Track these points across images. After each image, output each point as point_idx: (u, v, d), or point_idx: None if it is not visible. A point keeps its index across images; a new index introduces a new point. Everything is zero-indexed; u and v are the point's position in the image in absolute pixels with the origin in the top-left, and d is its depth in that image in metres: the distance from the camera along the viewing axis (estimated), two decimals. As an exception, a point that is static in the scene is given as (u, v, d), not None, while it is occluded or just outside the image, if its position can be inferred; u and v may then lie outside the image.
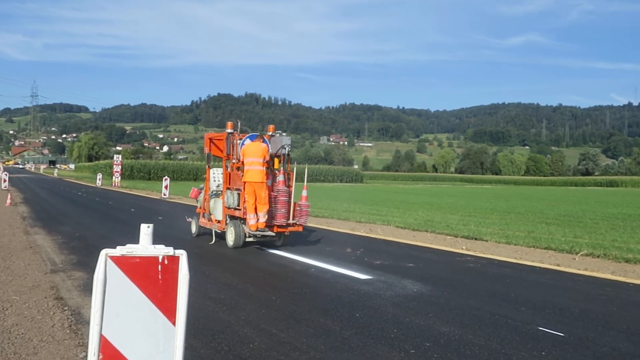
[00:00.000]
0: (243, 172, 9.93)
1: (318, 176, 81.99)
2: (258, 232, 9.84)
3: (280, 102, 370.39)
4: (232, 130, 10.68)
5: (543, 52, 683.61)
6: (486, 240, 11.77)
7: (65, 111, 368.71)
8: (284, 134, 10.15)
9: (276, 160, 10.56)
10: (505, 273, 8.16)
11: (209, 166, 11.98)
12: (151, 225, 2.40)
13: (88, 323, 5.12)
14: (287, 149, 10.64)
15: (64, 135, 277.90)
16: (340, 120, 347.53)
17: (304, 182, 10.71)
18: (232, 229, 10.26)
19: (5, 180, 32.16)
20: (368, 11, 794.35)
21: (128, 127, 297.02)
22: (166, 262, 2.31)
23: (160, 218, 16.32)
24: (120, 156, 48.30)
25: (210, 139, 11.50)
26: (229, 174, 10.75)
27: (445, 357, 4.33)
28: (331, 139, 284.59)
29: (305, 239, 11.84)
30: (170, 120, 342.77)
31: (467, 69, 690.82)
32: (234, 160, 10.59)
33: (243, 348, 4.50)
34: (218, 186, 11.67)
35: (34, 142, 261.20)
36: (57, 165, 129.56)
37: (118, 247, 2.29)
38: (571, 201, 32.55)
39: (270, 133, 10.91)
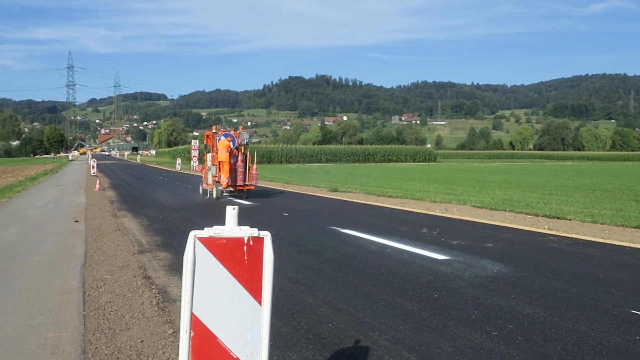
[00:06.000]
0: (217, 155, 16.93)
1: (390, 156, 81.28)
2: (227, 189, 17.29)
3: (350, 83, 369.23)
4: (216, 130, 18.08)
5: (629, 18, 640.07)
6: (570, 220, 11.26)
7: (145, 99, 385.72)
8: (245, 131, 17.83)
9: (242, 147, 17.23)
10: (592, 253, 7.78)
11: (206, 152, 18.69)
12: (236, 207, 2.46)
13: (174, 301, 5.39)
14: (245, 141, 17.32)
15: (144, 123, 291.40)
16: (412, 99, 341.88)
17: (254, 159, 17.45)
18: (215, 188, 17.42)
19: (93, 167, 34.19)
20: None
21: (204, 113, 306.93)
22: (251, 243, 2.37)
23: (236, 201, 16.77)
24: (197, 141, 49.70)
25: (207, 135, 18.81)
26: (213, 156, 17.74)
27: (529, 340, 4.20)
28: (403, 119, 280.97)
29: (380, 219, 11.82)
30: (243, 104, 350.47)
31: (546, 41, 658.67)
32: (214, 148, 17.65)
33: (322, 327, 4.56)
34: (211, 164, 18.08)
35: (117, 130, 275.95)
36: (140, 152, 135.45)
37: (205, 229, 2.36)
38: (663, 177, 30.47)
39: (239, 131, 17.58)
